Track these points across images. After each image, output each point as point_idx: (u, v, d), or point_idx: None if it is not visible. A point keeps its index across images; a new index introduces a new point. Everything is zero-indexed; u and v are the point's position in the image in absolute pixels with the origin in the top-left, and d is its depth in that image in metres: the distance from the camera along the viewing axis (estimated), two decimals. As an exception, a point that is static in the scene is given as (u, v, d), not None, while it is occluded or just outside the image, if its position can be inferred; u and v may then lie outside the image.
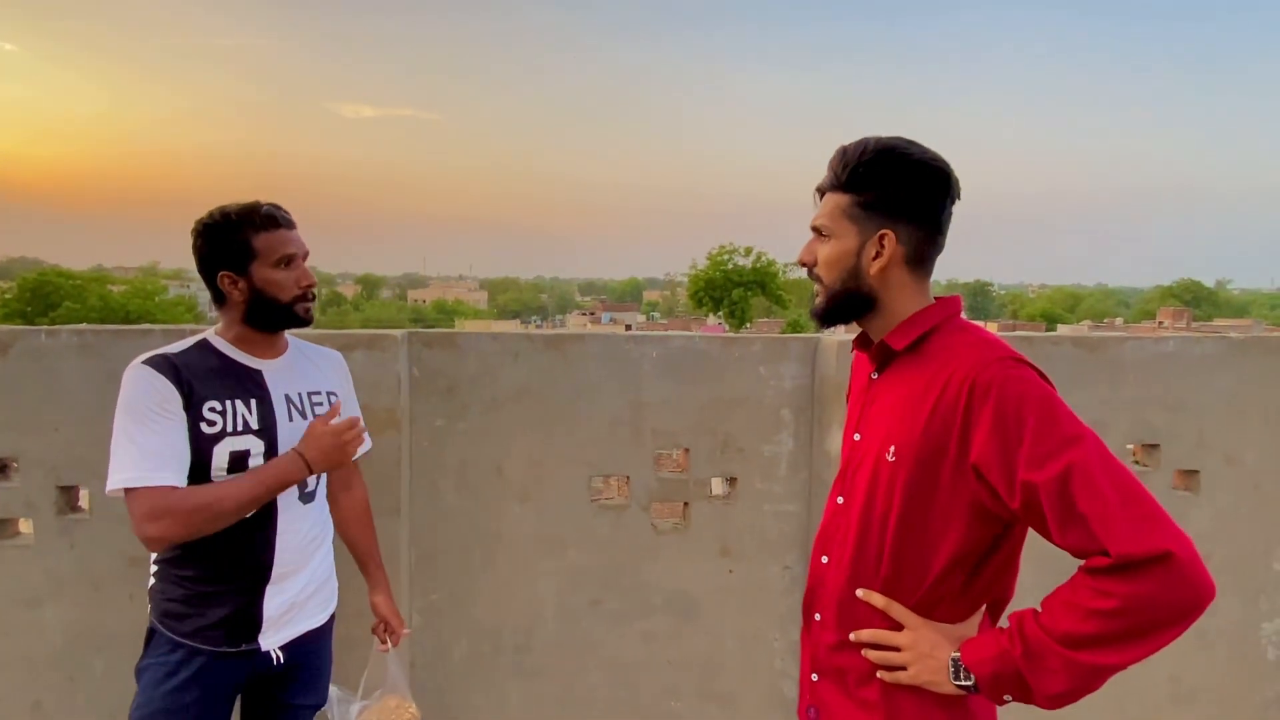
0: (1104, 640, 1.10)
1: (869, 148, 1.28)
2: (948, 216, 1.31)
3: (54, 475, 2.25)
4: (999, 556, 1.28)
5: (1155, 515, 1.09)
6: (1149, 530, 1.08)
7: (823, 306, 1.35)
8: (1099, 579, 1.10)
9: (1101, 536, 1.08)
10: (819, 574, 1.42)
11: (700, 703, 2.58)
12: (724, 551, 2.54)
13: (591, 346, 2.46)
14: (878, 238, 1.28)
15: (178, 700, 1.63)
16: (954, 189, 1.29)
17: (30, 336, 2.22)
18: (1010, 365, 1.19)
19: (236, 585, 1.67)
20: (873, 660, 1.30)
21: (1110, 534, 1.08)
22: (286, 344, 1.83)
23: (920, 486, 1.24)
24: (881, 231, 1.28)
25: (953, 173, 1.29)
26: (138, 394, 1.60)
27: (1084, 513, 1.09)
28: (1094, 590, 1.10)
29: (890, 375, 1.35)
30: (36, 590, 2.27)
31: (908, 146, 1.28)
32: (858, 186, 1.28)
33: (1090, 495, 1.09)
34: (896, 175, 1.26)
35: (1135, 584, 1.07)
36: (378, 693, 1.92)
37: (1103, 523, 1.08)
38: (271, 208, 1.70)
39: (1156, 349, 2.58)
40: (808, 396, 2.51)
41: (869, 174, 1.27)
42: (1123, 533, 1.07)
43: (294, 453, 1.66)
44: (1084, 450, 1.11)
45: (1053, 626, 1.13)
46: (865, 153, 1.27)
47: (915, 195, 1.27)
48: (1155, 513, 1.09)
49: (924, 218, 1.29)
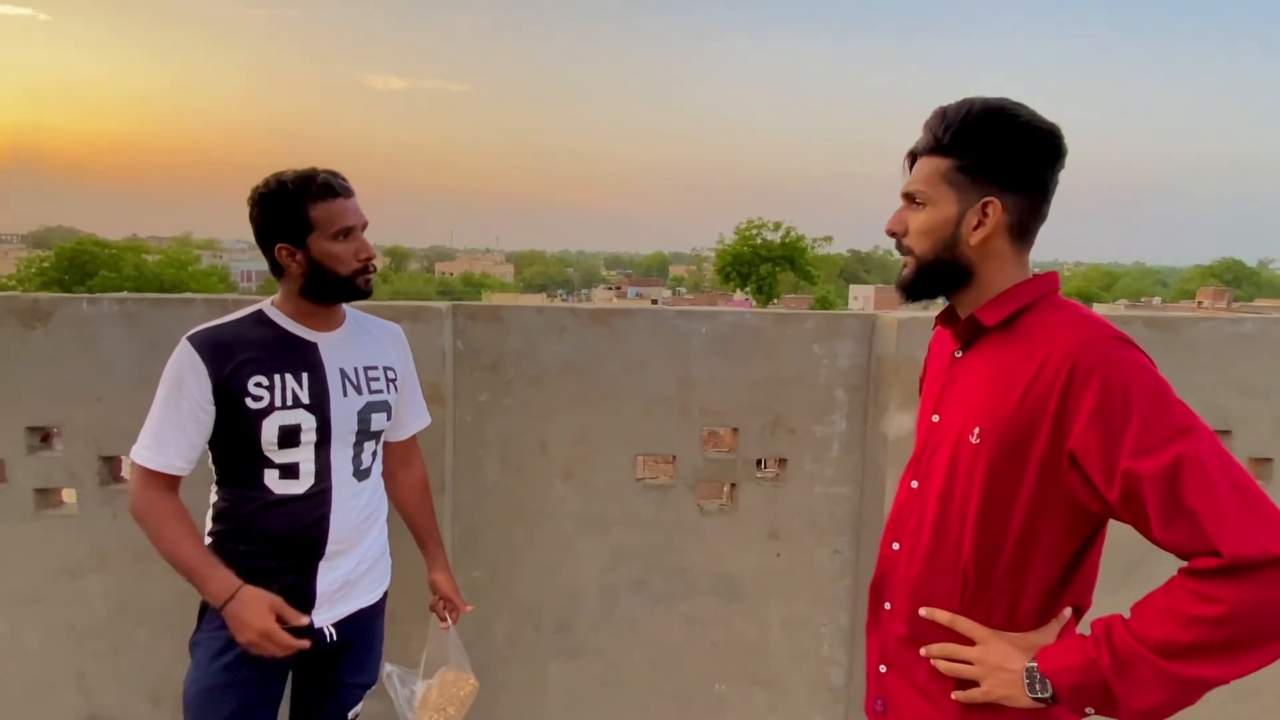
0: (1205, 650, 1.00)
1: (974, 108, 1.17)
2: (1054, 185, 1.20)
3: (96, 445, 2.22)
4: (1088, 558, 1.19)
5: (1273, 516, 1.00)
6: (1265, 531, 0.98)
7: (910, 277, 1.25)
8: (1204, 582, 1.01)
9: (1212, 535, 0.99)
10: (890, 561, 1.34)
11: (745, 687, 2.52)
12: (772, 534, 2.47)
13: (639, 322, 2.38)
14: (980, 205, 1.18)
15: (232, 676, 1.62)
16: (1064, 155, 1.19)
17: (72, 305, 2.18)
18: (1117, 346, 1.09)
19: (290, 561, 1.64)
20: (945, 672, 1.22)
21: (1222, 533, 0.98)
22: (344, 316, 1.77)
23: (1005, 472, 1.15)
24: (986, 199, 1.17)
25: (1063, 137, 1.18)
26: (169, 370, 1.61)
27: (1193, 508, 1.00)
28: (1197, 595, 1.01)
29: (977, 353, 1.25)
30: (80, 561, 2.26)
31: (1016, 108, 1.17)
32: (960, 150, 1.18)
33: (1202, 491, 1.00)
34: (1004, 138, 1.16)
35: (1246, 589, 0.98)
36: (440, 670, 1.89)
37: (1215, 520, 0.99)
38: (328, 175, 1.63)
39: (1233, 330, 2.45)
40: (863, 376, 2.41)
41: (974, 136, 1.17)
42: (1236, 532, 0.98)
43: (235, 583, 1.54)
44: (1197, 442, 1.02)
45: (1146, 634, 1.04)
46: (970, 113, 1.17)
47: (1023, 161, 1.17)
48: (1273, 514, 1.00)
49: (1032, 185, 1.19)
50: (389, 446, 1.91)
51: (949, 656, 1.20)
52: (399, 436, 1.92)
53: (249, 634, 1.51)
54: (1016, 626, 1.19)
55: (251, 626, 1.51)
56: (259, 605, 1.52)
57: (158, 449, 1.59)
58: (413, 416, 1.94)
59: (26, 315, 2.17)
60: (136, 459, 1.60)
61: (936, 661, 1.22)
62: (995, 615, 1.19)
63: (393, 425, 1.85)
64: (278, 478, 1.63)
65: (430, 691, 1.88)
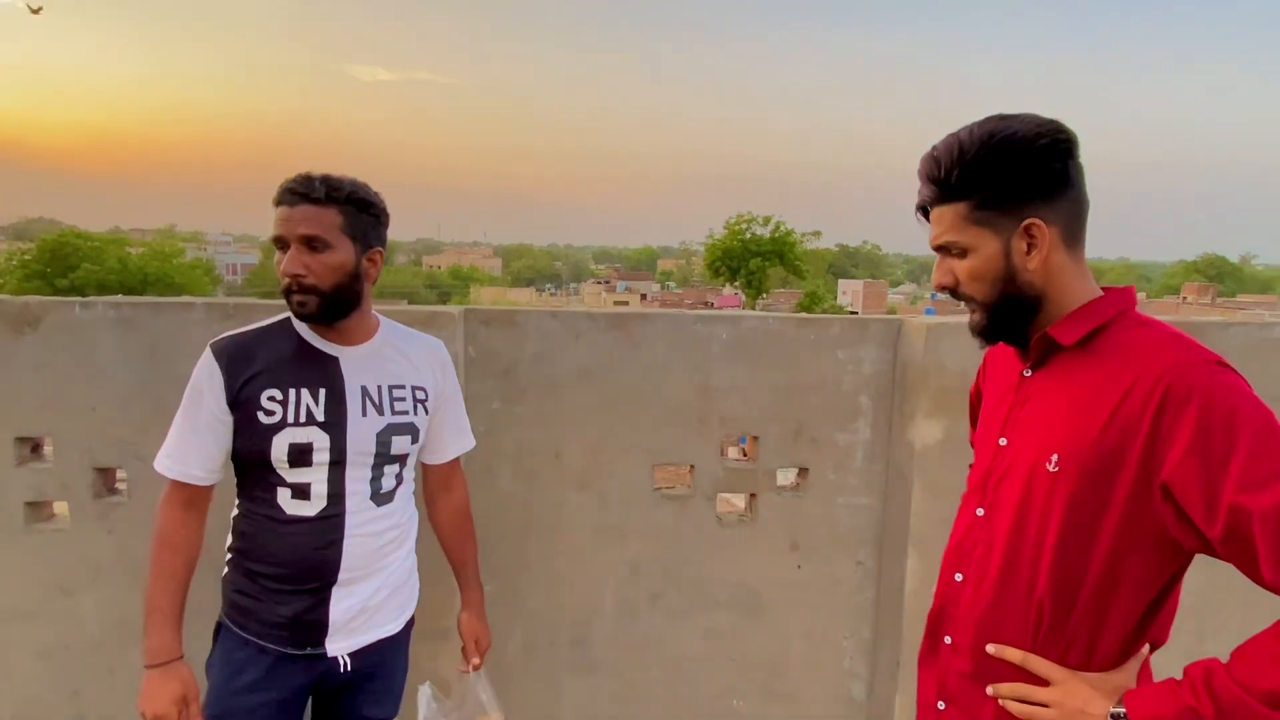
0: None
1: (965, 145, 1.09)
2: (1079, 172, 1.12)
3: (90, 456, 2.12)
4: (1172, 596, 1.12)
5: None
6: None
7: (985, 322, 1.17)
8: None
9: None
10: (952, 593, 1.26)
11: (764, 702, 2.45)
12: (793, 545, 2.39)
13: (657, 326, 2.30)
14: (1023, 230, 1.10)
15: (248, 701, 1.54)
16: (1075, 143, 1.11)
17: (64, 309, 2.07)
18: (1216, 370, 1.02)
19: (301, 585, 1.54)
20: (1016, 715, 1.15)
21: None
22: (376, 328, 1.66)
23: (1087, 503, 1.08)
24: (1027, 222, 1.10)
25: (1066, 127, 1.10)
26: (192, 377, 1.55)
27: None
28: None
29: (1051, 373, 1.17)
30: (73, 577, 2.16)
31: (1005, 125, 1.10)
32: (970, 190, 1.10)
33: None
34: (1008, 160, 1.08)
35: None
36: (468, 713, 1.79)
37: None
38: (291, 181, 1.50)
39: (1262, 335, 2.40)
40: (888, 383, 2.33)
41: (977, 171, 1.09)
42: None
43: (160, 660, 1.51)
44: None
45: (1253, 683, 0.96)
46: (964, 151, 1.09)
47: (1039, 171, 1.09)
48: None
49: (1057, 187, 1.11)
50: (428, 470, 1.81)
51: (1021, 698, 1.13)
52: (438, 459, 1.80)
53: (145, 706, 1.48)
54: (1094, 666, 1.11)
55: (151, 703, 1.48)
56: (170, 688, 1.49)
57: (178, 458, 1.55)
58: (453, 438, 1.81)
59: (16, 320, 2.06)
60: (157, 467, 1.57)
61: (1006, 702, 1.14)
62: (1072, 654, 1.12)
63: (430, 448, 1.75)
64: (290, 497, 1.54)
65: None
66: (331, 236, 1.49)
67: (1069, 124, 1.11)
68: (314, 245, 1.48)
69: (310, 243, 1.48)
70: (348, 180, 1.53)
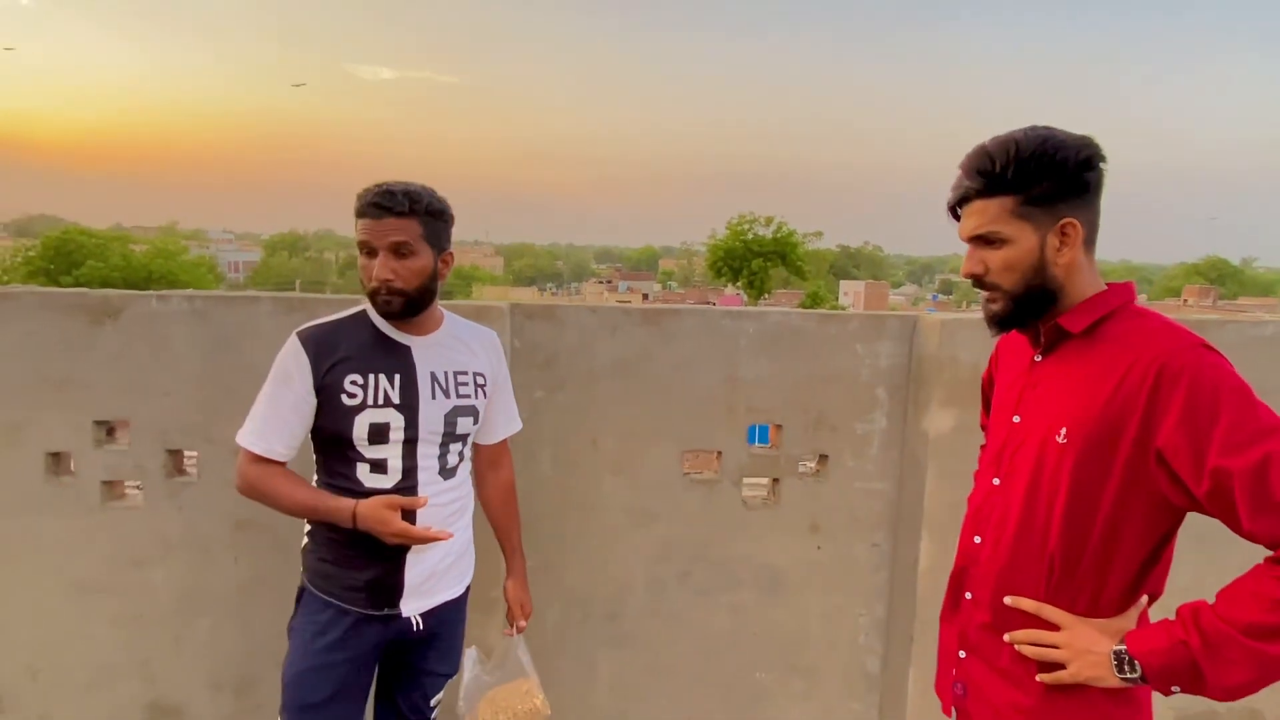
0: None
1: (1022, 144, 1.25)
2: (1102, 183, 1.29)
3: (163, 439, 2.28)
4: (1166, 549, 1.28)
5: None
6: None
7: (1006, 311, 1.32)
8: None
9: None
10: (971, 554, 1.42)
11: (785, 676, 2.61)
12: (813, 528, 2.55)
13: (688, 321, 2.46)
14: (1059, 228, 1.26)
15: (328, 658, 1.69)
16: (1105, 158, 1.27)
17: (142, 301, 2.23)
18: (1203, 352, 1.18)
19: (380, 551, 1.70)
20: (1030, 656, 1.31)
21: None
22: (441, 321, 1.83)
23: (1092, 470, 1.24)
24: (1064, 221, 1.26)
25: (1098, 143, 1.27)
26: (277, 362, 1.71)
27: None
28: None
29: (1059, 358, 1.34)
30: (146, 551, 2.32)
31: (1052, 132, 1.26)
32: (1022, 185, 1.25)
33: None
34: (1058, 163, 1.24)
35: None
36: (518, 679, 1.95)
37: None
38: (375, 194, 1.65)
39: (1255, 333, 2.55)
40: (904, 375, 2.49)
41: (1032, 169, 1.24)
42: None
43: (351, 504, 1.66)
44: None
45: (1235, 617, 1.13)
46: (1020, 149, 1.25)
47: (1078, 177, 1.25)
48: None
49: (1091, 195, 1.28)
50: (479, 449, 1.98)
51: (1035, 641, 1.29)
52: (489, 440, 1.98)
53: (385, 539, 1.63)
54: (1099, 613, 1.27)
55: (383, 534, 1.63)
56: (378, 514, 1.62)
57: (261, 435, 1.70)
58: (503, 421, 1.99)
59: (96, 312, 2.22)
60: (241, 442, 1.71)
61: (1021, 646, 1.30)
62: (1079, 603, 1.28)
63: (482, 429, 1.92)
64: (369, 471, 1.70)
65: (497, 691, 1.95)
66: (416, 245, 1.67)
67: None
68: (401, 253, 1.65)
69: (398, 250, 1.65)
70: (424, 191, 1.70)
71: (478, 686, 1.98)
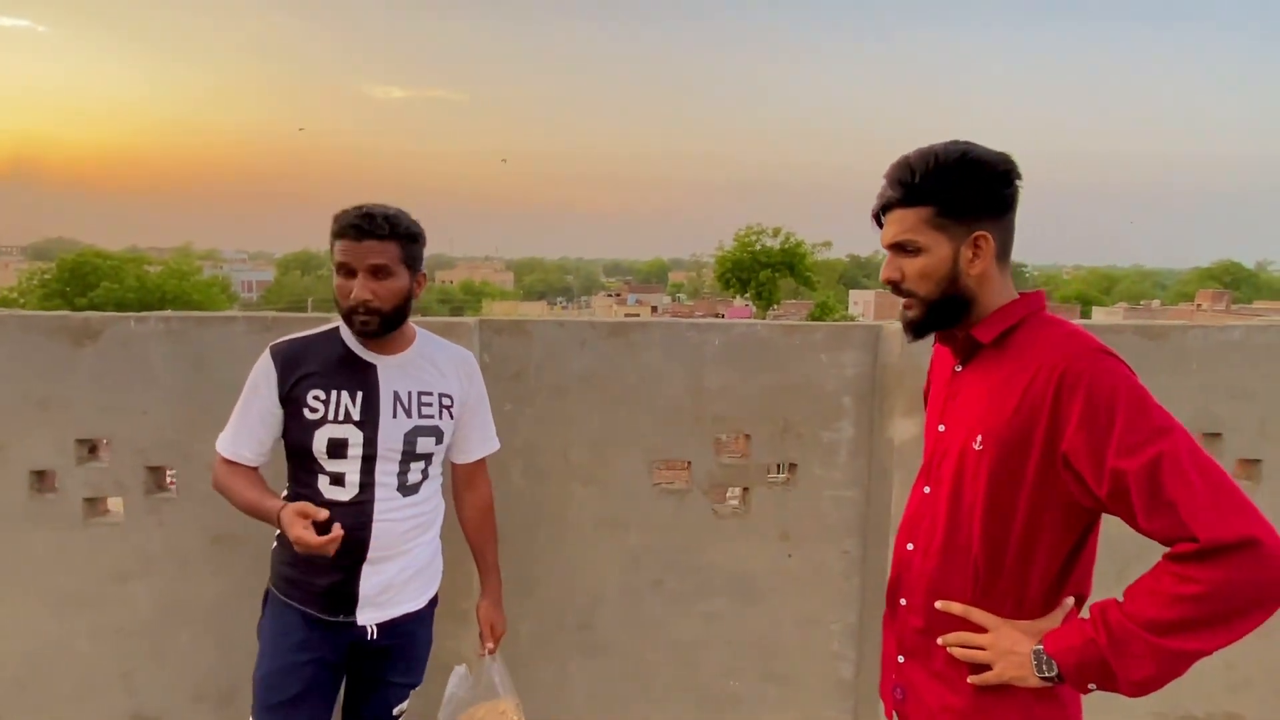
0: (1189, 626, 1.13)
1: (939, 157, 1.30)
2: (1017, 201, 1.34)
3: (143, 456, 2.34)
4: (1085, 550, 1.32)
5: (1242, 504, 1.13)
6: (1236, 517, 1.11)
7: (920, 317, 1.37)
8: (1184, 565, 1.14)
9: (1189, 523, 1.12)
10: (904, 560, 1.46)
11: (759, 683, 2.64)
12: (783, 536, 2.59)
13: (654, 334, 2.50)
14: (972, 240, 1.31)
15: (295, 658, 1.76)
16: (1020, 176, 1.32)
17: (120, 323, 2.30)
18: (1100, 357, 1.22)
19: (336, 560, 1.74)
20: (960, 658, 1.34)
21: (1198, 520, 1.11)
22: (412, 340, 1.88)
23: (1006, 475, 1.28)
24: (976, 233, 1.30)
25: (1015, 161, 1.32)
26: (251, 374, 1.81)
27: (1172, 500, 1.13)
28: (1178, 576, 1.14)
29: (975, 368, 1.38)
30: (127, 566, 2.38)
31: (971, 147, 1.31)
32: (936, 196, 1.30)
33: (1179, 484, 1.13)
34: (973, 178, 1.29)
35: (1220, 570, 1.11)
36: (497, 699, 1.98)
37: (1191, 510, 1.12)
38: (354, 216, 1.71)
39: (1222, 337, 2.58)
40: (869, 384, 2.53)
41: (946, 181, 1.29)
42: (1210, 519, 1.11)
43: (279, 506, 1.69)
44: (1174, 441, 1.15)
45: (1137, 613, 1.16)
46: (937, 162, 1.29)
47: (994, 193, 1.30)
48: (1242, 502, 1.13)
49: (1004, 211, 1.33)
50: (455, 468, 2.03)
51: (964, 644, 1.33)
52: (463, 459, 2.01)
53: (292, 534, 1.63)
54: (1024, 615, 1.31)
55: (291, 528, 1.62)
56: (288, 518, 1.64)
57: (231, 441, 1.83)
58: (478, 440, 2.01)
59: (77, 333, 2.29)
60: (217, 445, 1.84)
61: (952, 649, 1.34)
62: (1005, 605, 1.31)
63: (457, 448, 1.97)
64: (328, 484, 1.76)
65: (477, 710, 1.98)
66: (394, 267, 1.73)
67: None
68: (380, 275, 1.71)
69: (376, 272, 1.71)
70: (401, 214, 1.76)
71: (457, 704, 2.01)
